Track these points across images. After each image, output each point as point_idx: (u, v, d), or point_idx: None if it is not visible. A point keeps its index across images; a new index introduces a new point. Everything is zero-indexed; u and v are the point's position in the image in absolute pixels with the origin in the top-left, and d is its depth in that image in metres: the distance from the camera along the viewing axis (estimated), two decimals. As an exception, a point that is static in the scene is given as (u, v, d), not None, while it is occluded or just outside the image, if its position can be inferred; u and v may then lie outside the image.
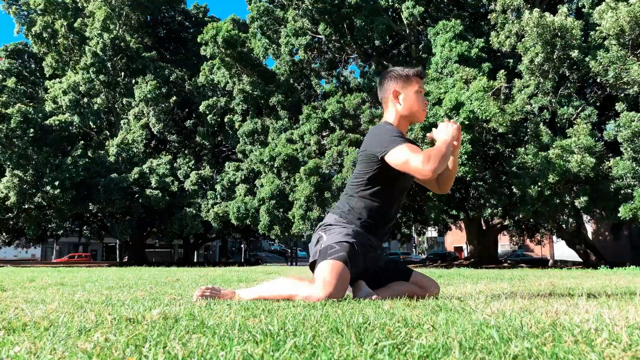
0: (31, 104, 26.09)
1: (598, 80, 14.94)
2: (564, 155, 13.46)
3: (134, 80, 26.34)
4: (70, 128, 24.49)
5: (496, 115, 13.57)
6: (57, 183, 21.37)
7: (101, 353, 0.99)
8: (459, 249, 43.46)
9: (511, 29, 15.66)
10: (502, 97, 15.31)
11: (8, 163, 21.71)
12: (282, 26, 21.58)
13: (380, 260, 2.42)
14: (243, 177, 22.65)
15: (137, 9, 28.37)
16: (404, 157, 2.03)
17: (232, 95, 23.72)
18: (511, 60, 16.86)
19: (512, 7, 15.96)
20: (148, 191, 23.21)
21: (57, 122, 23.08)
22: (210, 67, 24.52)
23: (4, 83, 25.53)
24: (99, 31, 25.68)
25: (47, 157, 21.94)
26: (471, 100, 13.97)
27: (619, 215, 13.50)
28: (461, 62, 15.90)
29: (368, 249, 2.27)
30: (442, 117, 14.39)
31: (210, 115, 24.41)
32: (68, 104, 25.49)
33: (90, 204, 23.43)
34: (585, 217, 19.47)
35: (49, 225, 25.81)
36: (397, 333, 1.19)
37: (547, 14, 14.26)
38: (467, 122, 13.93)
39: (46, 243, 38.67)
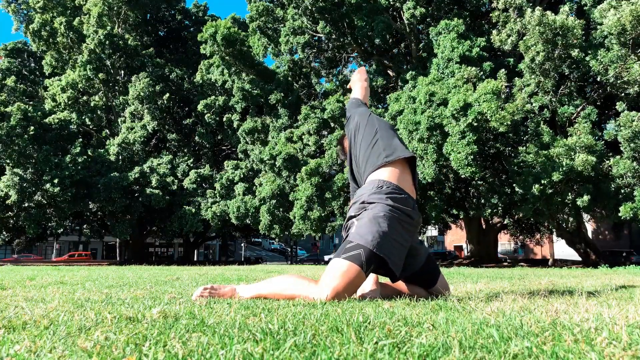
0: (31, 102, 26.07)
1: (598, 79, 14.93)
2: (568, 153, 13.43)
3: (133, 79, 26.34)
4: (70, 126, 24.47)
5: (504, 117, 13.49)
6: (57, 181, 21.36)
7: (101, 352, 0.99)
8: (458, 248, 43.48)
9: (513, 28, 15.63)
10: (503, 96, 15.28)
11: (8, 161, 21.70)
12: (282, 25, 21.53)
13: (422, 254, 2.31)
14: (242, 176, 22.62)
15: (136, 7, 28.32)
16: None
17: (231, 94, 23.65)
18: (512, 59, 16.83)
19: (514, 6, 15.94)
20: (148, 190, 23.19)
21: (56, 120, 23.07)
22: (207, 65, 24.48)
23: (3, 82, 25.51)
24: (95, 28, 25.63)
25: (47, 156, 21.92)
26: (479, 102, 13.86)
27: (620, 214, 13.49)
28: (462, 62, 15.84)
29: (406, 228, 2.17)
30: (448, 117, 14.30)
31: (209, 114, 24.36)
32: (66, 101, 25.47)
33: (90, 202, 23.41)
34: (585, 216, 19.47)
35: (49, 224, 25.79)
36: (397, 332, 1.19)
37: (548, 12, 14.23)
38: (475, 124, 13.79)
39: (46, 241, 38.65)
